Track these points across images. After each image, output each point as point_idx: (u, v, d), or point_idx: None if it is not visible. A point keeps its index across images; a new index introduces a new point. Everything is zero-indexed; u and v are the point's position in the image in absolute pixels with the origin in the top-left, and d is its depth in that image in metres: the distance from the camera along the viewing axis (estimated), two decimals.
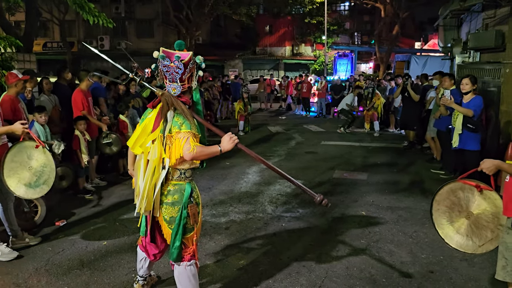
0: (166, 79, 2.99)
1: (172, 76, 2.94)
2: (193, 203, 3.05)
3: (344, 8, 35.24)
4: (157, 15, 29.64)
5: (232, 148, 2.86)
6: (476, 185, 3.12)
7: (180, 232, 3.01)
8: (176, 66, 2.90)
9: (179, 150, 2.84)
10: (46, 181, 4.18)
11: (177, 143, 2.85)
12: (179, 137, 2.85)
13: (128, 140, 3.11)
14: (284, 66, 33.06)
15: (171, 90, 2.98)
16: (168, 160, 2.94)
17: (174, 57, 2.90)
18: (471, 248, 3.19)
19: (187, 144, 2.80)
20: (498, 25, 7.67)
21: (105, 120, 7.05)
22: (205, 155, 2.87)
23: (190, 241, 3.09)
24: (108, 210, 5.77)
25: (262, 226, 5.15)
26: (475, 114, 5.89)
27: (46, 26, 29.09)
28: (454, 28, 11.55)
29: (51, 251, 4.44)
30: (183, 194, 3.01)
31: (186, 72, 2.94)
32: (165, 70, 2.94)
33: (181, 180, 3.03)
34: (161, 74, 3.00)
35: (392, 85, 12.81)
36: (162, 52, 2.94)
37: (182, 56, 2.91)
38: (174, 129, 2.88)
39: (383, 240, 4.74)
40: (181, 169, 3.01)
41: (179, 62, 2.90)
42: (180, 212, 2.99)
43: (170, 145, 2.91)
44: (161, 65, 2.94)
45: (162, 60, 2.92)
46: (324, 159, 8.95)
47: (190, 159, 2.88)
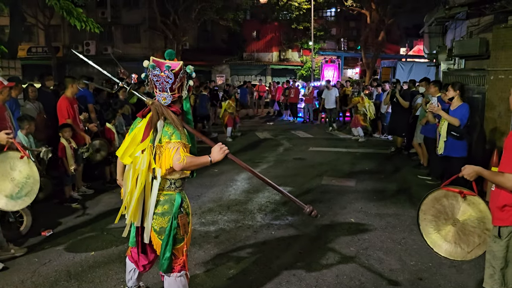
0: (156, 88, 2.95)
1: (162, 85, 2.91)
2: (183, 213, 3.02)
3: (330, 14, 35.44)
4: (144, 20, 29.50)
5: (222, 158, 2.85)
6: (459, 192, 3.16)
7: (170, 242, 2.98)
8: (167, 76, 2.88)
9: (169, 161, 2.82)
10: (29, 193, 4.09)
11: (167, 153, 2.84)
12: (169, 147, 2.83)
13: (115, 149, 3.09)
14: (271, 71, 33.11)
15: (161, 100, 2.95)
16: (160, 170, 2.91)
17: (165, 67, 2.87)
18: (460, 255, 3.22)
19: (177, 155, 2.79)
20: (482, 33, 7.80)
21: (91, 127, 6.98)
22: (195, 166, 2.88)
23: (180, 252, 3.07)
24: (95, 219, 5.70)
25: (251, 234, 5.13)
26: (461, 123, 5.89)
27: (31, 31, 28.72)
28: (439, 35, 11.72)
29: (38, 262, 4.36)
30: (173, 204, 2.99)
31: (176, 82, 2.92)
32: (155, 80, 2.92)
33: (171, 190, 3.00)
34: (151, 83, 2.98)
35: (379, 91, 12.92)
36: (152, 62, 2.91)
37: (173, 66, 2.89)
38: (164, 139, 2.86)
39: (372, 247, 4.75)
40: (171, 179, 2.99)
41: (170, 72, 2.87)
42: (171, 223, 2.97)
43: (160, 155, 2.88)
44: (151, 75, 2.92)
45: (152, 69, 2.89)
46: (312, 166, 8.97)
47: (180, 170, 2.86)
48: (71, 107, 6.46)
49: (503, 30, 6.61)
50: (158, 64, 2.91)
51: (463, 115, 5.93)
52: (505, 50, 6.60)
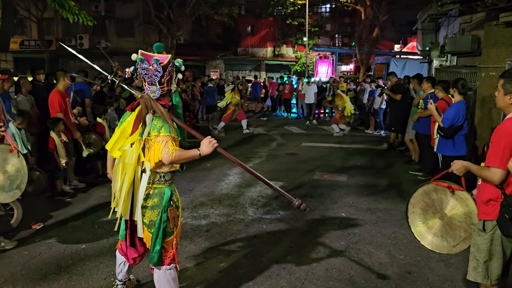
0: (145, 82, 2.96)
1: (151, 79, 2.92)
2: (172, 207, 3.04)
3: (325, 10, 35.43)
4: (138, 14, 29.33)
5: (211, 151, 2.87)
6: (448, 186, 3.20)
7: (160, 236, 2.99)
8: (155, 69, 2.88)
9: (157, 154, 2.83)
10: (19, 186, 4.11)
11: (155, 147, 2.84)
12: (158, 140, 2.83)
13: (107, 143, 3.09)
14: (265, 67, 33.10)
15: (150, 93, 2.96)
16: (148, 163, 2.92)
17: (153, 60, 2.87)
18: (446, 248, 3.27)
19: (166, 148, 2.80)
20: (474, 30, 7.85)
21: (82, 120, 6.96)
22: (184, 159, 2.90)
23: (170, 245, 3.08)
24: (86, 212, 5.70)
25: (242, 228, 5.15)
26: (444, 124, 5.73)
27: (24, 24, 28.48)
28: (432, 32, 11.77)
29: (28, 255, 4.36)
30: (162, 198, 3.00)
31: (165, 75, 2.93)
32: (144, 73, 2.92)
33: (160, 183, 3.01)
34: (140, 77, 2.98)
35: (372, 87, 12.97)
36: (141, 55, 2.92)
37: (161, 59, 2.89)
38: (153, 132, 2.87)
39: (362, 241, 4.80)
40: (161, 173, 3.00)
41: (158, 65, 2.88)
42: (160, 216, 2.98)
43: (149, 148, 2.89)
44: (140, 68, 2.93)
45: (140, 63, 2.90)
46: (305, 161, 9.01)
47: (168, 163, 2.88)
48: (63, 101, 6.43)
49: (494, 28, 6.65)
50: (146, 58, 2.90)
51: (449, 115, 5.76)
52: (496, 47, 6.66)
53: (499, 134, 2.76)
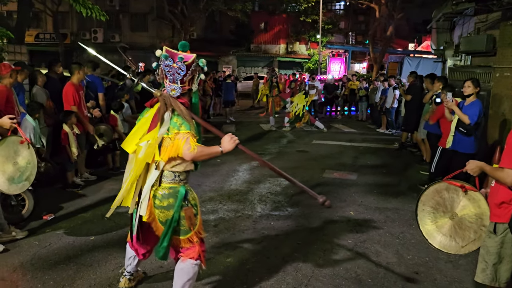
0: (166, 79, 2.95)
1: (173, 76, 2.91)
2: (188, 206, 3.02)
3: (339, 7, 35.27)
4: (152, 9, 29.46)
5: (232, 148, 2.86)
6: (461, 186, 3.17)
7: (169, 233, 3.00)
8: (179, 67, 2.88)
9: (178, 150, 2.82)
10: (28, 177, 4.17)
11: (176, 143, 2.83)
12: (179, 137, 2.83)
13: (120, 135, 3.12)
14: (278, 64, 33.05)
15: (171, 91, 2.95)
16: (163, 162, 2.92)
17: (178, 58, 2.87)
18: (454, 248, 3.24)
19: (187, 144, 2.79)
20: (490, 30, 7.73)
21: (95, 112, 7.02)
22: (205, 155, 2.88)
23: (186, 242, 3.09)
24: (96, 204, 5.76)
25: (250, 224, 5.16)
26: (471, 121, 5.75)
27: (39, 17, 28.76)
28: (447, 31, 11.62)
29: (38, 245, 4.42)
30: (177, 197, 2.99)
31: (187, 74, 2.93)
32: (167, 70, 2.92)
33: (175, 183, 3.00)
34: (162, 74, 2.97)
35: (385, 85, 12.87)
36: (165, 52, 2.91)
37: (186, 58, 2.90)
38: (173, 130, 2.87)
39: (370, 240, 4.77)
40: (175, 172, 2.98)
41: (182, 64, 2.88)
42: (173, 215, 2.97)
43: (167, 146, 2.88)
44: (163, 65, 2.92)
45: (164, 59, 2.89)
46: (315, 159, 8.98)
47: (190, 159, 2.88)
48: (77, 94, 6.48)
49: (510, 27, 6.54)
50: (171, 55, 2.90)
51: (474, 113, 5.80)
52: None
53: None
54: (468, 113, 5.81)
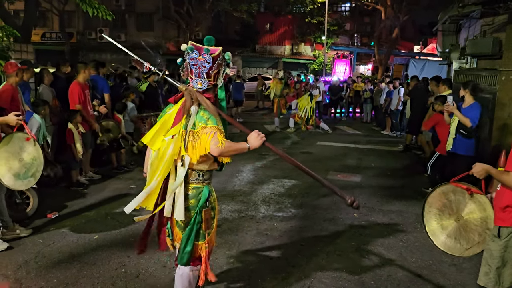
0: (191, 73, 2.85)
1: (198, 70, 2.82)
2: (208, 208, 2.92)
3: (345, 9, 35.24)
4: (158, 9, 29.57)
5: (259, 145, 2.79)
6: (467, 188, 3.16)
7: (192, 236, 2.87)
8: (205, 60, 2.80)
9: (205, 145, 2.70)
10: (34, 174, 4.20)
11: (203, 138, 2.71)
12: (206, 132, 2.71)
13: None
14: (283, 65, 33.05)
15: (197, 85, 2.85)
16: (188, 158, 2.78)
17: (204, 50, 2.80)
18: (458, 250, 3.24)
19: (215, 139, 2.68)
20: (496, 33, 7.69)
21: (101, 109, 7.06)
22: (233, 151, 2.77)
23: (199, 248, 2.95)
24: (100, 203, 5.78)
25: (254, 225, 5.16)
26: (472, 123, 5.79)
27: (46, 16, 28.93)
28: (453, 33, 11.57)
29: (42, 243, 4.44)
30: (200, 198, 2.88)
31: (213, 68, 2.84)
32: (192, 64, 2.83)
33: (199, 182, 2.89)
34: (187, 69, 2.88)
35: (390, 87, 12.85)
36: (191, 45, 2.84)
37: (212, 50, 2.83)
38: (200, 124, 2.76)
39: (373, 242, 4.76)
40: (199, 171, 2.87)
41: (208, 56, 2.80)
42: (195, 216, 2.87)
43: (193, 141, 2.76)
44: (188, 58, 2.83)
45: (190, 52, 2.82)
46: (319, 160, 8.97)
47: (217, 155, 2.73)
48: (82, 93, 6.52)
49: None
50: (197, 48, 2.82)
51: (475, 115, 5.85)
52: None
53: None
54: (469, 115, 5.85)
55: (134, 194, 6.18)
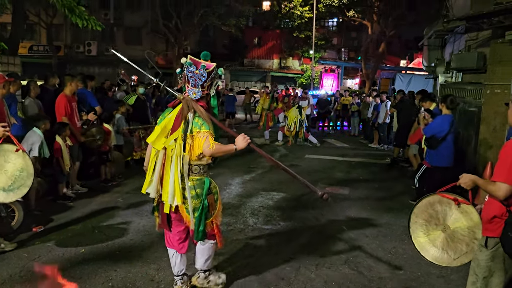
0: (188, 83, 3.36)
1: (195, 81, 3.34)
2: (211, 194, 3.49)
3: (332, 24, 35.67)
4: (146, 23, 29.63)
5: (245, 146, 3.24)
6: (454, 199, 3.19)
7: (203, 218, 3.42)
8: (200, 74, 3.31)
9: (199, 147, 3.24)
10: (22, 186, 4.10)
11: (197, 141, 3.25)
12: (200, 136, 3.24)
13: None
14: (271, 78, 33.25)
15: (192, 94, 3.37)
16: (187, 157, 3.31)
17: (200, 66, 3.31)
18: (446, 261, 3.25)
19: (207, 142, 3.20)
20: (480, 47, 7.86)
21: (90, 116, 7.02)
22: (222, 152, 3.30)
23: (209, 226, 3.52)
24: (87, 217, 5.69)
25: (242, 238, 5.13)
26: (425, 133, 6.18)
27: (33, 29, 28.81)
28: (438, 48, 11.79)
29: (27, 258, 4.36)
30: (203, 187, 3.43)
31: (207, 80, 3.36)
32: (190, 76, 3.33)
33: (200, 174, 3.44)
34: (184, 79, 3.38)
35: (377, 101, 12.99)
36: (189, 60, 3.33)
37: (207, 66, 3.34)
38: (195, 129, 3.27)
39: (362, 255, 4.76)
40: (200, 165, 3.41)
41: (204, 71, 3.31)
42: (202, 203, 3.41)
43: (191, 143, 3.28)
44: (187, 71, 3.33)
45: (188, 66, 3.31)
46: (308, 173, 8.98)
47: (209, 155, 3.29)
48: (69, 105, 6.48)
49: (500, 45, 6.66)
50: (194, 63, 3.32)
51: (429, 126, 6.20)
52: (502, 65, 6.65)
53: (506, 150, 2.76)
54: (428, 126, 6.21)
55: (122, 207, 6.14)
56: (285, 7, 31.47)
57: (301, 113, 12.60)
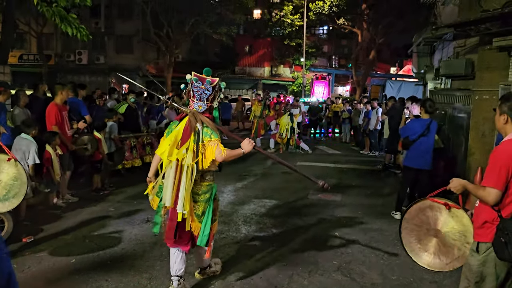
0: (194, 97, 3.67)
1: (200, 96, 3.66)
2: (216, 199, 3.87)
3: (322, 31, 35.94)
4: (137, 31, 29.57)
5: (251, 149, 3.53)
6: (444, 203, 3.20)
7: (209, 221, 3.72)
8: (206, 88, 3.64)
9: (212, 155, 3.52)
10: (16, 195, 4.08)
11: (209, 149, 3.54)
12: (211, 144, 3.55)
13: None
14: (262, 86, 33.32)
15: (198, 107, 3.67)
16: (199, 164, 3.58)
17: (206, 81, 3.63)
18: (439, 266, 3.26)
19: (218, 149, 3.51)
20: (468, 54, 7.95)
21: (80, 124, 6.99)
22: (232, 156, 3.57)
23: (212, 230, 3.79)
24: (78, 226, 5.64)
25: (235, 246, 5.11)
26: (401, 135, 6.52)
27: (23, 38, 28.60)
28: (427, 55, 11.90)
29: (16, 269, 4.27)
30: (211, 192, 3.78)
31: (212, 94, 3.68)
32: (195, 90, 3.64)
33: (210, 180, 3.78)
34: (189, 93, 3.69)
35: (368, 108, 13.07)
36: (195, 76, 3.63)
37: (212, 81, 3.66)
38: (206, 138, 3.58)
39: (355, 261, 4.77)
40: (210, 171, 3.74)
41: (209, 85, 3.64)
42: (210, 207, 3.75)
43: (203, 151, 3.57)
44: (192, 86, 3.64)
45: (195, 82, 3.62)
46: (299, 180, 8.96)
47: (221, 160, 3.56)
48: (60, 114, 6.45)
49: (488, 52, 6.74)
50: (200, 79, 3.64)
51: (404, 128, 6.54)
52: (489, 71, 6.73)
53: (496, 155, 2.78)
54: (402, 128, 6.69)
55: (113, 217, 6.10)
56: (275, 16, 31.68)
57: (292, 121, 12.65)
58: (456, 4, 8.58)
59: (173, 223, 3.64)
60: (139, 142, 9.25)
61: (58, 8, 7.51)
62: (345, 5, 25.64)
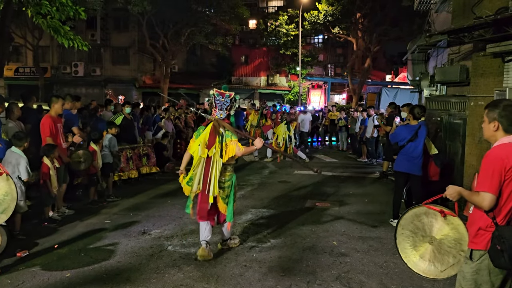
0: (216, 108, 4.86)
1: (221, 106, 4.87)
2: (235, 184, 5.10)
3: (318, 40, 36.08)
4: (133, 43, 29.66)
5: (261, 146, 4.66)
6: (440, 211, 3.17)
7: (231, 202, 5.01)
8: (225, 101, 4.87)
9: (233, 151, 4.74)
10: (5, 210, 4.03)
11: (231, 147, 4.76)
12: (232, 143, 4.77)
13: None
14: (259, 95, 33.37)
15: (219, 115, 4.86)
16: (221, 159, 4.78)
17: (225, 95, 4.87)
18: (433, 273, 3.22)
19: (238, 147, 4.76)
20: (463, 61, 7.98)
21: (75, 138, 6.95)
22: (248, 152, 4.98)
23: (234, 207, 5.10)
24: (73, 239, 5.58)
25: (232, 256, 5.06)
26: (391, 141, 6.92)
27: (19, 51, 28.66)
28: (422, 62, 11.96)
29: (10, 284, 4.24)
30: (232, 180, 5.03)
31: (229, 105, 4.88)
32: (217, 103, 4.85)
33: (231, 171, 5.05)
34: (212, 105, 4.91)
35: (364, 116, 13.09)
36: (216, 92, 4.86)
37: (230, 95, 4.91)
38: (228, 139, 4.78)
39: (353, 270, 4.72)
40: (230, 164, 4.99)
41: (228, 98, 4.88)
42: (233, 191, 5.03)
43: (226, 149, 4.77)
44: (215, 100, 4.85)
45: (217, 96, 4.86)
46: (297, 188, 8.97)
47: (239, 155, 4.84)
48: (54, 126, 6.41)
49: (482, 58, 6.77)
50: (221, 93, 4.88)
51: (393, 134, 6.76)
52: (484, 77, 6.75)
53: (488, 160, 2.76)
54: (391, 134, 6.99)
55: (109, 229, 6.05)
56: (271, 25, 31.84)
57: (289, 129, 12.64)
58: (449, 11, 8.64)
59: (204, 204, 4.81)
60: (135, 153, 9.22)
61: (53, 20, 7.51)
62: (340, 14, 25.80)
